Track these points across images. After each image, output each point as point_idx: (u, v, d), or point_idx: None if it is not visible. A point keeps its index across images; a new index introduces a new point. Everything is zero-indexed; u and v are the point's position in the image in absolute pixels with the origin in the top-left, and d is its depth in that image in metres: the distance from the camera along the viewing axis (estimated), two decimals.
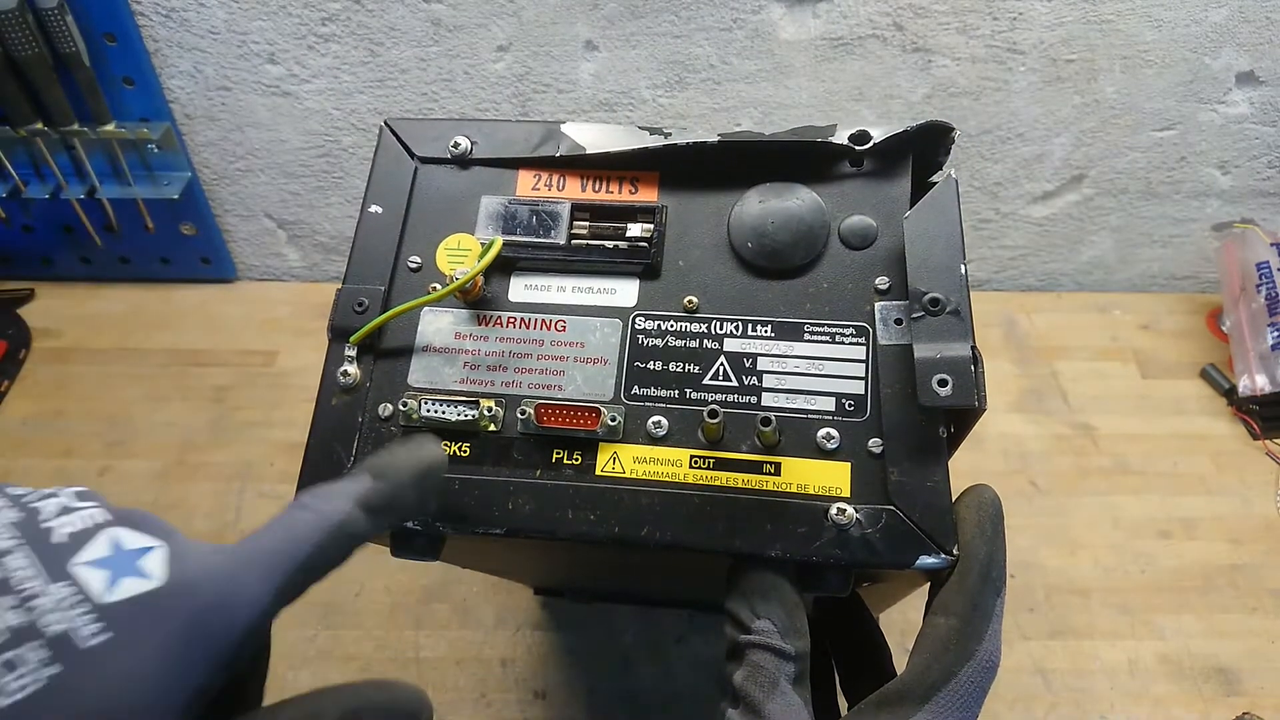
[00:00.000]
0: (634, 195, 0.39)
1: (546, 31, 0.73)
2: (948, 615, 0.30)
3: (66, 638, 0.22)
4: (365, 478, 0.29)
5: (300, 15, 0.72)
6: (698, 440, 0.35)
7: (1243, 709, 0.62)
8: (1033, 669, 0.65)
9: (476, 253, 0.38)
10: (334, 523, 0.28)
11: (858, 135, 0.37)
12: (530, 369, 0.36)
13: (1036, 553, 0.71)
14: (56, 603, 0.22)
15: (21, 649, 0.22)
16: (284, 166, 0.83)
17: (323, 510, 0.28)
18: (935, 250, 0.34)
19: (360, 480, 0.29)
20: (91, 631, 0.22)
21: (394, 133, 0.40)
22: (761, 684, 0.29)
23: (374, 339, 0.37)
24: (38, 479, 0.74)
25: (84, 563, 0.24)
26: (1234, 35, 0.72)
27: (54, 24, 0.69)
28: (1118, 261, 0.90)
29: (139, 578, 0.24)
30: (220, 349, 0.85)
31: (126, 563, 0.24)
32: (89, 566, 0.23)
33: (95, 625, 0.22)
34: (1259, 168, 0.82)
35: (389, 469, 0.30)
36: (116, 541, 0.24)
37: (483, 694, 0.64)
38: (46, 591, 0.23)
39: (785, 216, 0.36)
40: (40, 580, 0.23)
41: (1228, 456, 0.77)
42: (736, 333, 0.36)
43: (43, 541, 0.24)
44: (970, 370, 0.31)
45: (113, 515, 0.26)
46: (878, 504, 0.33)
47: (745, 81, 0.76)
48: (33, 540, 0.24)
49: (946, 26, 0.72)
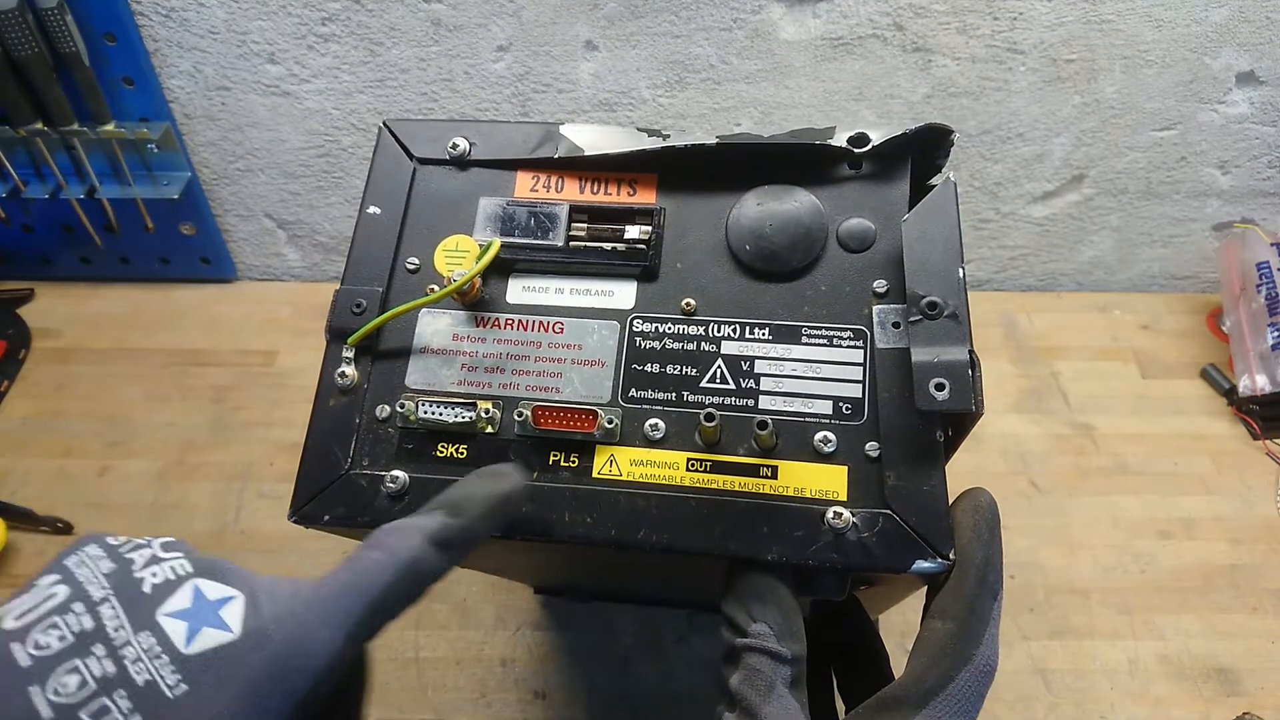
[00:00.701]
0: (632, 197, 0.39)
1: (546, 31, 0.72)
2: (944, 619, 0.30)
3: (151, 688, 0.23)
4: (439, 514, 0.30)
5: (300, 15, 0.72)
6: (695, 443, 0.35)
7: (1243, 709, 0.62)
8: (1033, 669, 0.65)
9: (474, 254, 0.38)
10: (405, 561, 0.28)
11: (856, 138, 0.37)
12: (528, 371, 0.36)
13: (1036, 553, 0.71)
14: (142, 653, 0.24)
15: (110, 698, 0.23)
16: (284, 166, 0.83)
17: (395, 549, 0.28)
18: (933, 254, 0.34)
19: (433, 517, 0.29)
20: (173, 683, 0.23)
21: (392, 133, 0.40)
22: (758, 687, 0.29)
23: (372, 340, 0.37)
24: (38, 479, 0.75)
25: (168, 614, 0.25)
26: (1234, 35, 0.72)
27: (54, 24, 0.69)
28: (1118, 261, 0.90)
29: (218, 629, 0.25)
30: (220, 349, 0.85)
31: (207, 613, 0.25)
32: (172, 618, 0.25)
33: (176, 677, 0.23)
34: (1259, 168, 0.82)
35: (465, 504, 0.30)
36: (198, 592, 0.25)
37: (483, 694, 0.64)
38: (134, 641, 0.24)
39: (783, 219, 0.36)
40: (128, 630, 0.24)
41: (1228, 456, 0.77)
42: (734, 335, 0.36)
43: (132, 591, 0.25)
44: (968, 375, 0.31)
45: (195, 566, 0.26)
46: (874, 508, 0.33)
47: (745, 81, 0.76)
48: (123, 590, 0.25)
49: (946, 26, 0.71)
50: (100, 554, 0.26)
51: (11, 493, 0.74)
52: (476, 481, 0.31)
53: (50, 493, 0.74)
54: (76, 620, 0.24)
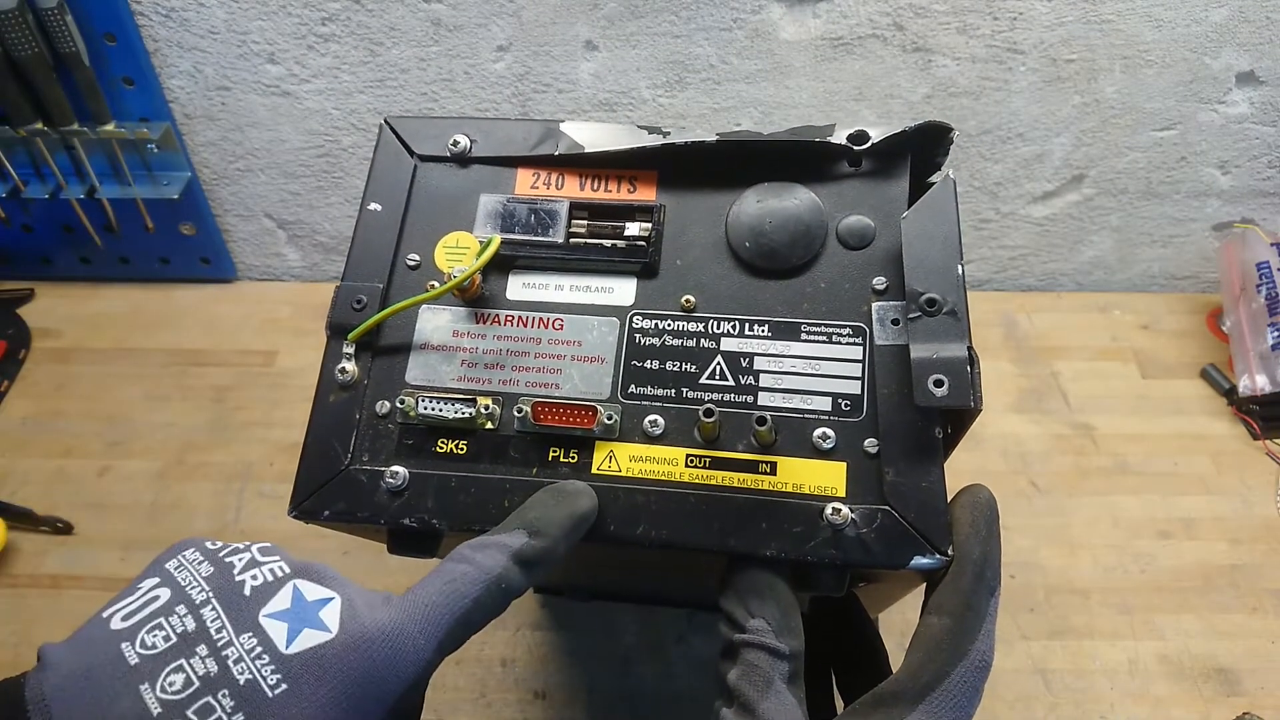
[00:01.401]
0: (632, 194, 0.39)
1: (546, 31, 0.73)
2: (941, 615, 0.30)
3: (252, 687, 0.24)
4: (521, 534, 0.30)
5: (300, 15, 0.72)
6: (694, 439, 0.35)
7: (1243, 709, 0.62)
8: (1033, 669, 0.65)
9: (475, 251, 0.38)
10: (493, 577, 0.29)
11: (856, 135, 0.37)
12: (528, 367, 0.36)
13: (1036, 553, 0.71)
14: (244, 653, 0.24)
15: (214, 696, 0.23)
16: (284, 166, 0.83)
17: (482, 565, 0.29)
18: (932, 251, 0.34)
19: (516, 535, 0.30)
20: (273, 682, 0.24)
21: (394, 131, 0.40)
22: (756, 683, 0.29)
23: (372, 336, 0.37)
24: (38, 479, 0.75)
25: (268, 614, 0.25)
26: (1234, 35, 0.72)
27: (54, 24, 0.69)
28: (1118, 261, 0.90)
29: (317, 630, 0.25)
30: (220, 349, 0.85)
31: (306, 614, 0.26)
32: (272, 618, 0.25)
33: (276, 676, 0.24)
34: (1259, 168, 0.82)
35: (544, 524, 0.31)
36: (297, 593, 0.26)
37: (483, 694, 0.64)
38: (236, 642, 0.24)
39: (783, 216, 0.36)
40: (230, 631, 0.25)
41: (1228, 456, 0.77)
42: (734, 332, 0.36)
43: (233, 593, 0.26)
44: (966, 371, 0.31)
45: (293, 568, 0.27)
46: (873, 504, 0.33)
47: (745, 81, 0.76)
48: (224, 592, 0.26)
49: (946, 26, 0.72)
50: (199, 558, 0.27)
51: (11, 493, 0.74)
52: (553, 501, 0.32)
53: (50, 493, 0.74)
54: (180, 621, 0.25)
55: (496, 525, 0.32)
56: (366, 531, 0.37)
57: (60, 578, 0.69)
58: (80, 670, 0.24)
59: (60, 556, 0.70)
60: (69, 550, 0.71)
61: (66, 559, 0.70)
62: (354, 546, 0.70)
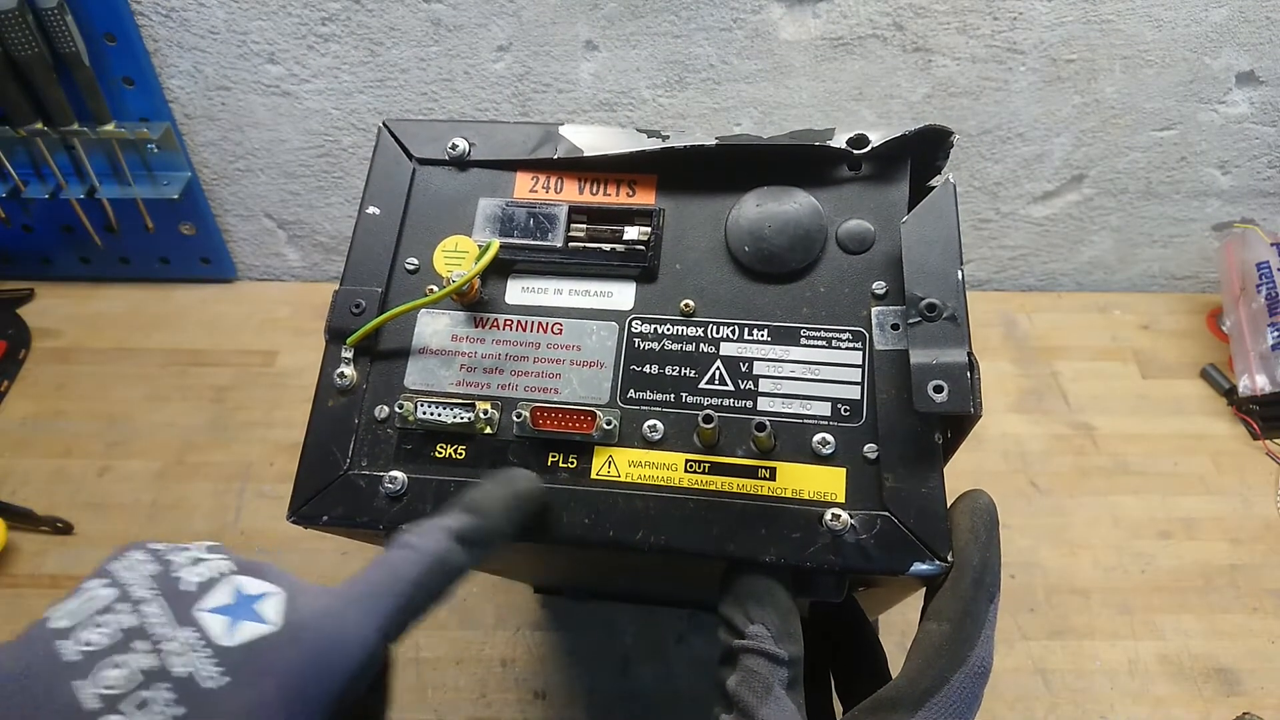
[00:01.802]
0: (631, 198, 0.39)
1: (546, 31, 0.72)
2: (940, 621, 0.30)
3: (191, 680, 0.24)
4: (461, 514, 0.31)
5: (300, 15, 0.72)
6: (693, 444, 0.35)
7: (1243, 709, 0.62)
8: (1033, 669, 0.65)
9: (474, 255, 0.38)
10: (432, 557, 0.29)
11: (856, 139, 0.37)
12: (526, 372, 0.36)
13: (1036, 553, 0.71)
14: (182, 646, 0.24)
15: (152, 690, 0.24)
16: (284, 166, 0.83)
17: (421, 547, 0.29)
18: (932, 255, 0.34)
19: (456, 516, 0.31)
20: (213, 674, 0.24)
21: (392, 134, 0.40)
22: (755, 689, 0.29)
23: (371, 341, 0.37)
24: (38, 479, 0.75)
25: (208, 609, 0.26)
26: (1234, 35, 0.72)
27: (54, 24, 0.69)
28: (1118, 261, 0.90)
29: (257, 622, 0.25)
30: (220, 349, 0.85)
31: (247, 608, 0.26)
32: (213, 613, 0.25)
33: (216, 668, 0.24)
34: (1259, 168, 0.82)
35: (484, 504, 0.31)
36: (238, 589, 0.26)
37: (483, 694, 0.64)
38: (175, 636, 0.25)
39: (782, 220, 0.36)
40: (171, 626, 0.25)
41: (1228, 456, 0.77)
42: (733, 337, 0.36)
43: (175, 590, 0.26)
44: (966, 377, 0.31)
45: (237, 565, 0.27)
46: (872, 509, 0.33)
47: (745, 81, 0.76)
48: (166, 590, 0.26)
49: (946, 26, 0.71)
50: (145, 558, 0.27)
51: (11, 493, 0.74)
52: (493, 484, 0.33)
53: (50, 493, 0.74)
54: (121, 618, 0.25)
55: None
56: (365, 535, 0.37)
57: (60, 578, 0.69)
58: (19, 670, 0.24)
59: (60, 556, 0.70)
60: (69, 550, 0.71)
61: (66, 559, 0.70)
62: (352, 548, 0.70)
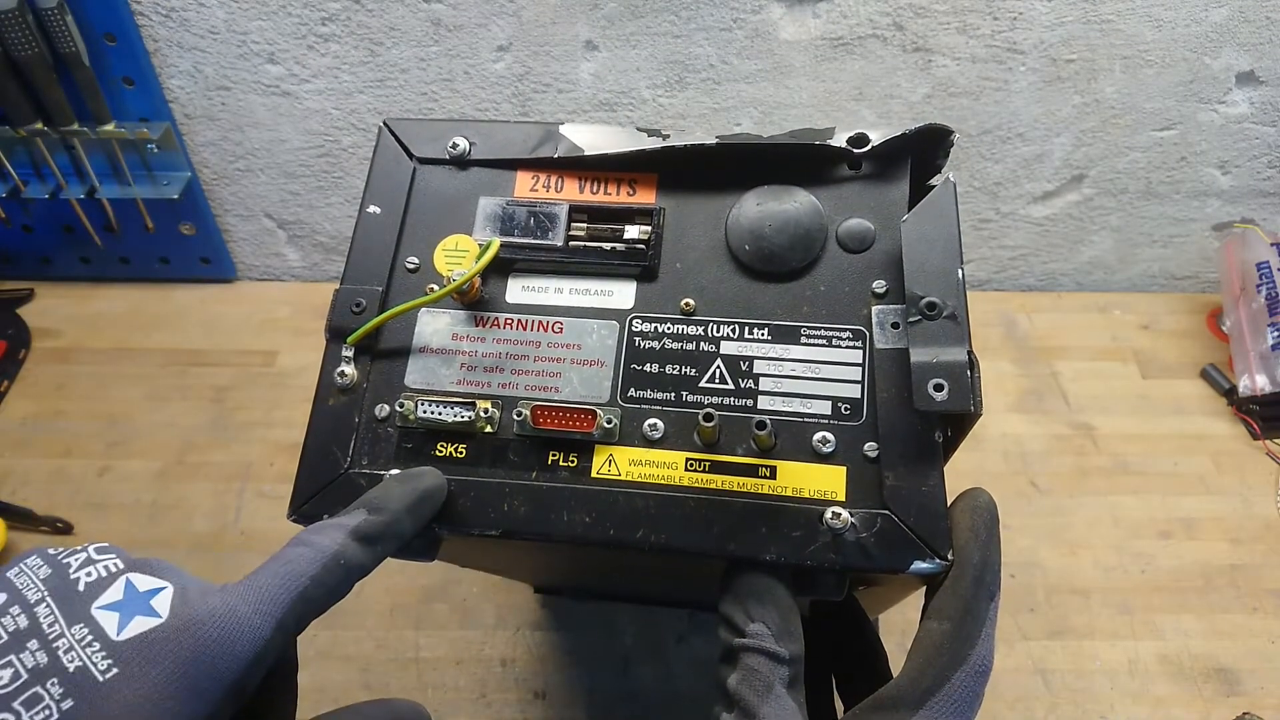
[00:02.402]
0: (632, 197, 0.39)
1: (546, 31, 0.73)
2: (941, 620, 0.30)
3: (82, 673, 0.24)
4: (360, 511, 0.31)
5: (300, 15, 0.72)
6: (693, 443, 0.35)
7: (1243, 709, 0.62)
8: (1033, 669, 0.65)
9: (474, 254, 0.38)
10: (329, 554, 0.29)
11: (856, 138, 0.37)
12: (527, 370, 0.36)
13: (1036, 553, 0.71)
14: (74, 642, 0.25)
15: (41, 686, 0.24)
16: (284, 166, 0.83)
17: (319, 544, 0.29)
18: (933, 254, 0.34)
19: (355, 514, 0.31)
20: (103, 668, 0.25)
21: (392, 133, 0.40)
22: (756, 688, 0.29)
23: (371, 340, 0.37)
24: (38, 479, 0.75)
25: (101, 606, 0.26)
26: (1234, 35, 0.72)
27: (54, 24, 0.69)
28: (1118, 261, 0.90)
29: (147, 616, 0.26)
30: (220, 349, 0.85)
31: (138, 603, 0.26)
32: (105, 610, 0.26)
33: (107, 662, 0.25)
34: (1259, 168, 0.82)
35: (384, 501, 0.32)
36: (130, 585, 0.27)
37: (483, 694, 0.64)
38: (67, 633, 0.25)
39: (783, 219, 0.36)
40: (62, 624, 0.25)
41: (1228, 456, 0.77)
42: (733, 335, 0.36)
43: (67, 590, 0.26)
44: (966, 375, 0.31)
45: (127, 563, 0.28)
46: (873, 508, 0.33)
47: (745, 81, 0.76)
48: (58, 590, 0.26)
49: (946, 26, 0.71)
50: (39, 563, 0.27)
51: (11, 493, 0.74)
52: (395, 481, 0.33)
53: (50, 493, 0.74)
54: (12, 621, 0.25)
55: (487, 527, 0.32)
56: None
57: None
58: None
59: None
60: None
61: None
62: None
